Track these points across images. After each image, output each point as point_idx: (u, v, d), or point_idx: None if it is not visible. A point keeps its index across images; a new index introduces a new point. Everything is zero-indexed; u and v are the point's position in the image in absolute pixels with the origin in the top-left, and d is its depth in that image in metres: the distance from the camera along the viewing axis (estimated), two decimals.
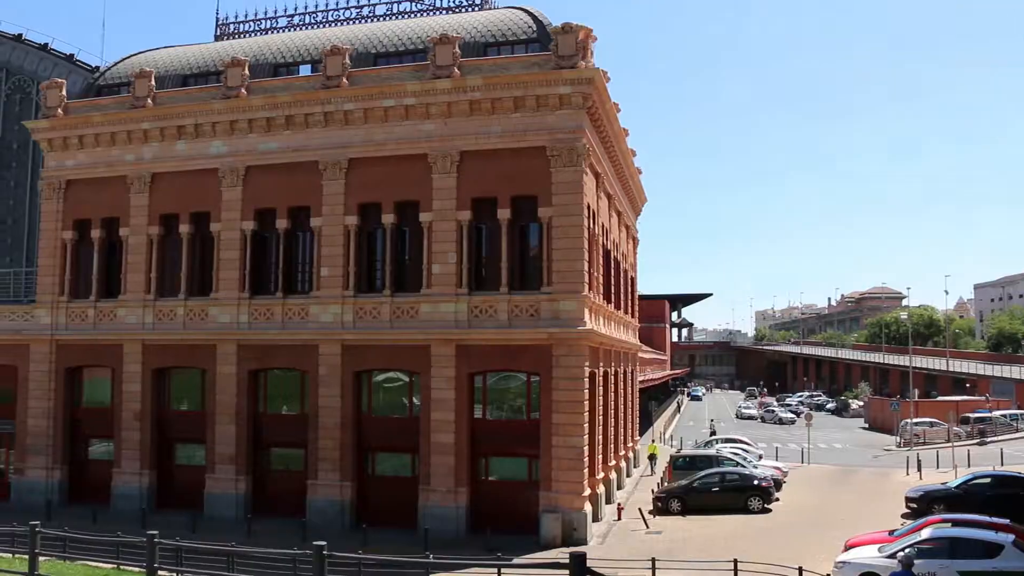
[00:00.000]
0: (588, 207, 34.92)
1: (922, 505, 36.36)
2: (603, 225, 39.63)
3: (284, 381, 38.06)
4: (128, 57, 46.40)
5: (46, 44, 50.48)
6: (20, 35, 51.14)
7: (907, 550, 20.99)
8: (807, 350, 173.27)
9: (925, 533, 25.12)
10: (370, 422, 36.01)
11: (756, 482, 39.69)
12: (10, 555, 24.92)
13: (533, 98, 34.19)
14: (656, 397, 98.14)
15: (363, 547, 29.81)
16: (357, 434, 35.72)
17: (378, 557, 15.20)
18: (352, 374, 35.66)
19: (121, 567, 25.02)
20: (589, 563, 8.69)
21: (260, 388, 37.93)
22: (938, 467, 49.96)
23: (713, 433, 73.21)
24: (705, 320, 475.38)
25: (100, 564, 25.24)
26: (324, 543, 9.19)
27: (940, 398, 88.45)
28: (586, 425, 33.35)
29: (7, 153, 49.29)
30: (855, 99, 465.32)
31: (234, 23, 48.18)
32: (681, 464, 45.06)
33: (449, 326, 34.26)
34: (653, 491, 41.88)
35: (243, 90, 38.04)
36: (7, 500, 40.01)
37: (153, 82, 40.27)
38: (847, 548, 26.81)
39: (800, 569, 23.16)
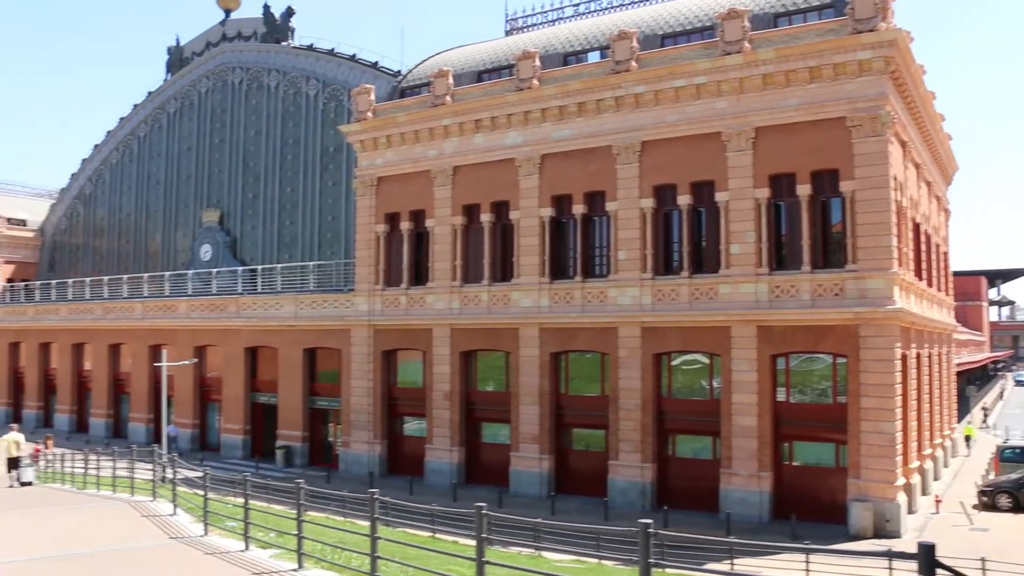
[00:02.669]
0: (894, 178, 32.74)
1: None
2: (911, 197, 37.05)
3: (584, 363, 38.88)
4: (426, 59, 49.38)
5: (354, 55, 54.56)
6: (332, 50, 55.68)
7: None
8: None
9: None
10: (669, 404, 36.01)
11: None
12: (341, 517, 27.49)
13: (830, 67, 32.54)
14: (974, 381, 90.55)
15: (665, 528, 29.85)
16: (657, 416, 35.83)
17: (703, 537, 15.10)
18: (651, 356, 35.79)
19: (435, 535, 26.81)
20: None
21: (561, 370, 39.01)
22: None
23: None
24: None
25: (417, 532, 27.15)
26: (650, 521, 9.25)
27: None
28: (898, 410, 31.35)
29: (325, 156, 53.96)
30: None
31: (522, 17, 50.16)
32: (1009, 456, 41.27)
33: (749, 307, 33.47)
34: (976, 484, 38.65)
35: (535, 81, 39.17)
36: (336, 470, 44.15)
37: (451, 80, 42.45)
38: None
39: None
